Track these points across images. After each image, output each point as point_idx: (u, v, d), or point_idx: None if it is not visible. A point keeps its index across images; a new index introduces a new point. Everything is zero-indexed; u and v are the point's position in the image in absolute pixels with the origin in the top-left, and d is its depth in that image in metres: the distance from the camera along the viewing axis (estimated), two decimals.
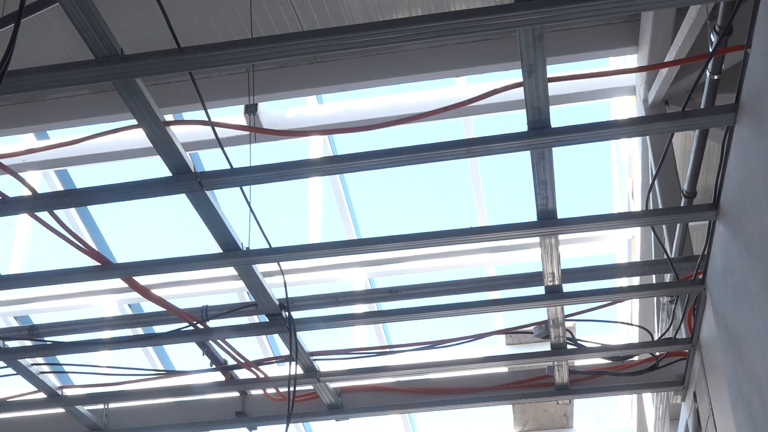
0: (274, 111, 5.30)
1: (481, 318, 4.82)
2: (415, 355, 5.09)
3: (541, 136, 3.28)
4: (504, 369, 5.35)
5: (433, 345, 4.88)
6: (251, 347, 7.34)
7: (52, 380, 5.34)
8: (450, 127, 5.93)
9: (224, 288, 6.75)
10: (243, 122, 5.02)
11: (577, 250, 6.58)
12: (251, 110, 5.00)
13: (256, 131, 4.80)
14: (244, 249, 3.89)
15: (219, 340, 4.82)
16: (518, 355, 5.06)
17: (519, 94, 3.28)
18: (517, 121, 5.66)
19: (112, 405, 5.65)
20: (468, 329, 4.88)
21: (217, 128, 3.51)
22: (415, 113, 4.41)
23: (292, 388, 4.45)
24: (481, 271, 6.86)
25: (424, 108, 5.07)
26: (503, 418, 7.49)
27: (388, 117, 5.10)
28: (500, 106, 5.12)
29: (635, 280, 5.12)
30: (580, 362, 5.13)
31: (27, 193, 3.69)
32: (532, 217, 3.74)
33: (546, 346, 4.84)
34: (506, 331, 5.45)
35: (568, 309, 4.54)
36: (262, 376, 5.11)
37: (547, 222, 3.74)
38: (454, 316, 4.56)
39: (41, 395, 5.33)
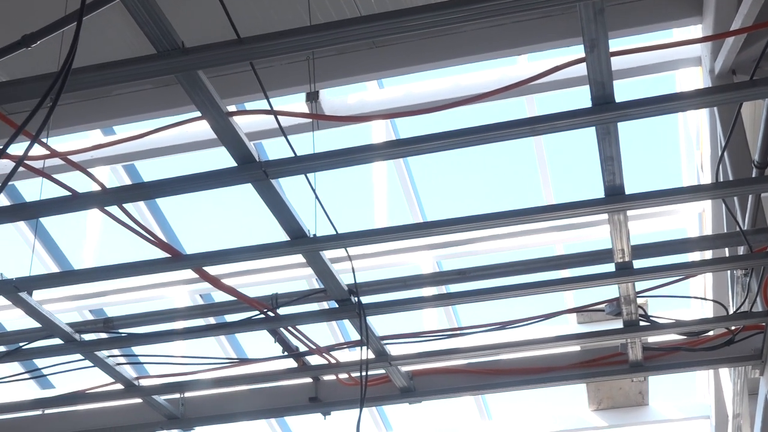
0: (335, 97, 5.30)
1: (551, 297, 4.78)
2: (486, 336, 5.07)
3: (605, 112, 3.24)
4: (576, 348, 5.31)
5: (503, 326, 4.86)
6: (322, 333, 7.39)
7: (129, 371, 5.43)
8: (512, 106, 5.88)
9: (293, 275, 6.79)
10: (305, 110, 5.03)
11: (647, 226, 6.49)
12: (313, 98, 5.01)
13: (318, 118, 4.81)
14: (311, 236, 3.91)
15: (290, 327, 4.86)
16: (590, 333, 5.01)
17: (582, 69, 3.24)
18: (580, 98, 5.59)
19: (187, 394, 5.73)
20: (538, 309, 4.84)
21: (279, 117, 3.52)
22: (476, 94, 4.37)
23: (364, 373, 4.47)
24: (550, 250, 6.80)
25: (486, 88, 5.03)
26: (577, 396, 7.44)
27: (450, 99, 5.06)
28: (563, 83, 5.06)
29: (707, 254, 5.03)
30: (653, 339, 5.06)
31: (96, 188, 3.74)
32: (600, 193, 3.70)
33: (618, 324, 4.78)
34: (577, 310, 5.40)
35: (640, 285, 4.49)
36: (333, 361, 5.14)
37: (615, 198, 3.70)
38: (524, 296, 4.53)
39: (118, 386, 5.42)
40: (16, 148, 3.07)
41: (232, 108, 3.35)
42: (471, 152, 7.46)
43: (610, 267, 4.27)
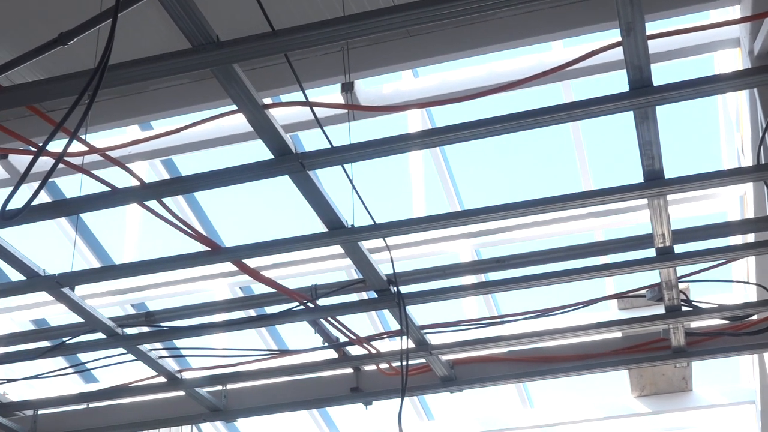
0: (370, 88, 5.29)
1: (591, 284, 4.74)
2: (526, 324, 5.05)
3: (643, 96, 3.21)
4: (618, 334, 5.27)
5: (543, 313, 4.84)
6: (362, 323, 7.39)
7: (171, 364, 5.47)
8: (549, 92, 5.83)
9: (332, 266, 6.80)
10: (340, 101, 5.03)
11: (688, 210, 6.42)
12: (348, 88, 5.00)
13: (353, 109, 4.81)
14: (349, 226, 3.91)
15: (330, 318, 4.87)
16: (632, 319, 4.97)
17: (618, 54, 3.21)
18: (617, 82, 5.55)
19: (229, 386, 5.77)
20: (578, 296, 4.81)
21: (315, 108, 3.52)
22: (512, 81, 4.35)
23: (404, 363, 4.47)
24: (589, 237, 6.76)
25: (521, 75, 4.99)
26: (620, 383, 7.39)
27: (485, 86, 5.04)
28: (599, 67, 5.01)
29: (750, 237, 4.97)
30: (696, 324, 5.02)
31: (135, 183, 3.77)
32: (639, 178, 3.67)
33: (660, 309, 4.75)
34: (618, 296, 5.36)
35: (681, 270, 4.44)
36: (374, 351, 5.15)
37: (655, 183, 3.67)
38: (564, 283, 4.51)
39: (161, 379, 5.47)
40: (56, 145, 3.10)
41: (267, 100, 3.36)
42: (508, 140, 7.42)
43: (650, 252, 4.24)
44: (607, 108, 3.28)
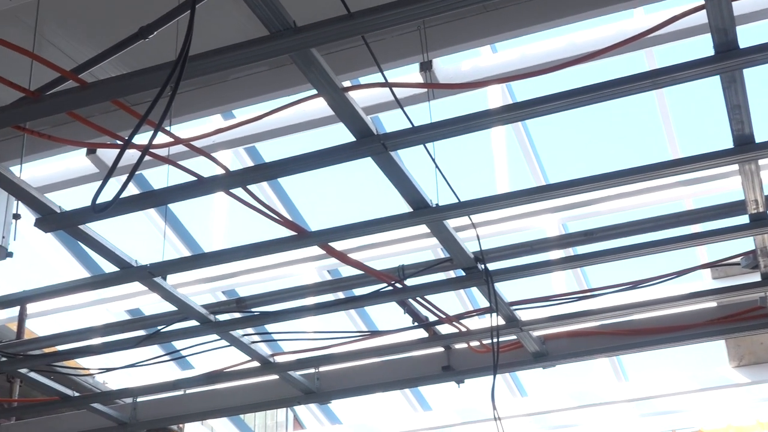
0: (449, 65, 5.26)
1: (683, 253, 4.64)
2: (618, 296, 4.99)
3: (729, 59, 3.13)
4: (712, 304, 5.17)
5: (635, 285, 4.77)
6: (450, 302, 7.39)
7: (264, 349, 5.54)
8: (631, 61, 5.72)
9: (418, 246, 6.80)
10: (419, 80, 5.01)
11: None
12: (426, 67, 4.98)
13: (433, 87, 4.78)
14: (434, 205, 3.90)
15: (418, 298, 4.87)
16: (726, 288, 4.86)
17: (702, 18, 3.13)
18: (702, 47, 5.41)
19: (322, 368, 5.82)
20: (670, 266, 4.73)
21: (394, 88, 3.51)
22: (593, 51, 4.27)
23: (495, 340, 4.45)
24: (679, 206, 6.63)
25: (602, 44, 4.90)
26: (716, 354, 7.26)
27: (566, 58, 4.96)
28: (682, 33, 4.89)
29: None
30: None
31: (220, 171, 3.81)
32: (728, 144, 3.58)
33: (756, 277, 4.64)
34: (711, 265, 5.25)
35: None
36: (464, 329, 5.14)
37: (745, 147, 3.58)
38: (655, 253, 4.43)
39: (255, 364, 5.54)
40: (141, 138, 3.14)
41: (346, 83, 3.36)
42: (591, 111, 7.31)
43: (743, 219, 4.14)
44: (692, 73, 3.21)
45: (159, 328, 5.09)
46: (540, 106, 3.37)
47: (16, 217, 4.26)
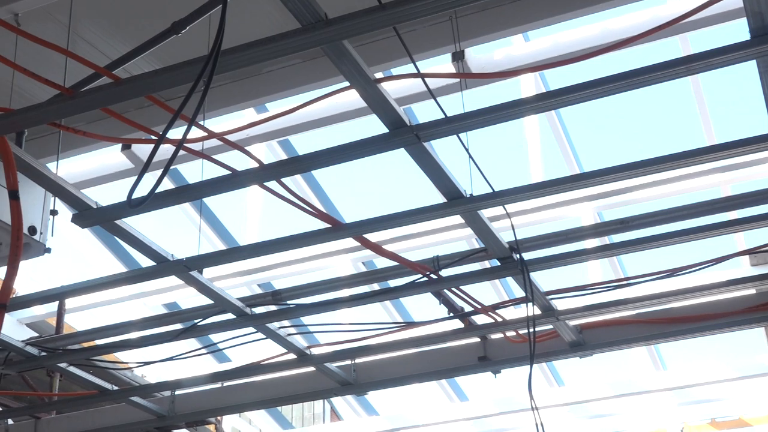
0: (481, 55, 5.24)
1: (720, 240, 4.61)
2: (654, 285, 4.95)
3: (766, 43, 3.08)
4: (751, 291, 5.12)
5: (672, 273, 4.73)
6: (486, 292, 7.38)
7: (300, 341, 5.56)
8: (665, 47, 5.68)
9: (452, 237, 6.79)
10: (451, 70, 5.00)
11: None
12: (458, 57, 4.96)
13: (465, 77, 4.77)
14: (468, 196, 3.89)
15: (453, 288, 4.86)
16: (765, 275, 4.82)
17: (737, 2, 3.10)
18: (738, 32, 5.35)
19: (358, 360, 5.83)
20: (707, 253, 4.68)
21: (426, 79, 3.50)
22: (626, 38, 4.24)
23: (531, 329, 4.44)
24: (716, 192, 6.57)
25: (636, 31, 4.87)
26: (755, 341, 7.20)
27: (599, 45, 4.93)
28: (717, 17, 4.84)
29: None
30: None
31: (254, 165, 3.82)
32: (765, 129, 3.54)
33: None
34: (749, 252, 5.20)
35: None
36: (500, 319, 5.12)
37: None
38: (692, 241, 4.40)
39: (291, 356, 5.56)
40: (176, 133, 3.17)
41: (379, 75, 3.36)
42: (625, 98, 7.26)
43: None
44: (728, 59, 3.17)
45: (196, 321, 5.12)
46: (573, 94, 3.35)
47: (54, 213, 4.29)
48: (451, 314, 5.08)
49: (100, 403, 6.61)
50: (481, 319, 5.21)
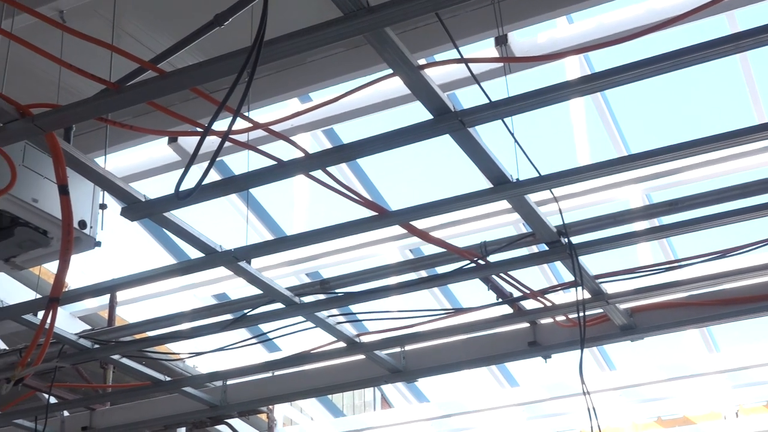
0: (524, 39, 5.20)
1: None
2: (706, 266, 4.89)
3: None
4: None
5: (723, 254, 4.67)
6: (534, 277, 7.34)
7: (349, 329, 5.58)
8: (712, 25, 5.60)
9: (499, 222, 6.76)
10: (495, 55, 4.97)
11: None
12: (502, 41, 4.93)
13: (509, 61, 4.74)
14: (514, 180, 3.87)
15: (502, 274, 4.84)
16: None
17: None
18: None
19: (408, 347, 5.84)
20: (759, 233, 4.62)
21: (470, 64, 3.48)
22: (672, 16, 4.18)
23: (581, 314, 4.41)
24: (766, 171, 6.47)
25: (681, 9, 4.80)
26: None
27: (644, 25, 4.87)
28: None
29: None
30: None
31: (299, 155, 3.83)
32: None
33: None
34: None
35: None
36: (549, 304, 5.10)
37: None
38: (743, 221, 4.34)
39: (341, 344, 5.58)
40: (221, 125, 3.18)
41: (422, 61, 3.34)
42: (672, 79, 7.17)
43: None
44: None
45: (245, 311, 5.15)
46: (619, 76, 3.31)
47: (103, 207, 4.34)
48: (500, 300, 5.06)
49: (153, 394, 6.68)
50: (530, 304, 5.19)
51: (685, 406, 8.38)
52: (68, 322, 7.65)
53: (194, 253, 4.50)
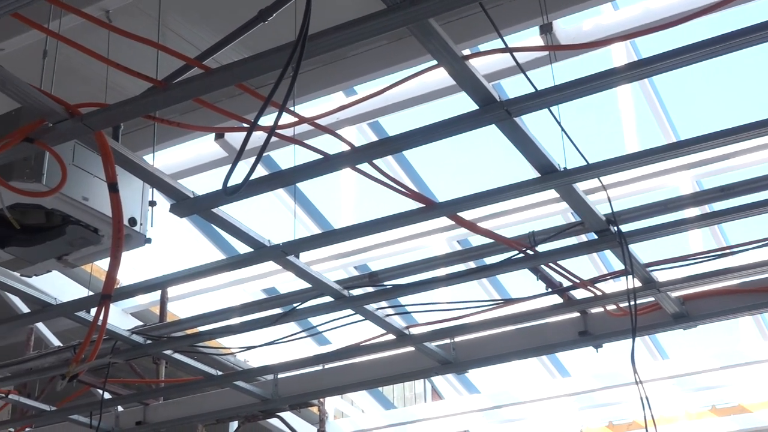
0: (569, 26, 5.16)
1: None
2: (758, 252, 4.82)
3: None
4: None
5: None
6: (583, 266, 7.29)
7: (398, 321, 5.58)
8: (760, 8, 5.51)
9: (548, 212, 6.73)
10: (540, 43, 4.93)
11: None
12: (546, 29, 4.89)
13: (554, 49, 4.70)
14: (562, 169, 3.84)
15: (551, 263, 4.81)
16: None
17: None
18: None
19: (457, 338, 5.82)
20: None
21: (515, 53, 3.46)
22: (718, 1, 4.12)
23: (632, 303, 4.37)
24: None
25: None
26: None
27: (691, 10, 4.80)
28: None
29: None
30: None
31: (345, 148, 3.83)
32: None
33: None
34: None
35: None
36: (599, 293, 5.06)
37: None
38: None
39: (390, 337, 5.58)
40: (267, 120, 3.19)
41: (466, 52, 3.32)
42: (720, 63, 7.08)
43: None
44: None
45: (295, 305, 5.17)
46: (666, 61, 3.27)
47: (152, 204, 4.37)
48: (550, 290, 5.03)
49: (205, 389, 6.74)
50: (580, 294, 5.15)
51: (740, 394, 8.27)
52: (120, 318, 7.74)
53: (243, 248, 4.52)
